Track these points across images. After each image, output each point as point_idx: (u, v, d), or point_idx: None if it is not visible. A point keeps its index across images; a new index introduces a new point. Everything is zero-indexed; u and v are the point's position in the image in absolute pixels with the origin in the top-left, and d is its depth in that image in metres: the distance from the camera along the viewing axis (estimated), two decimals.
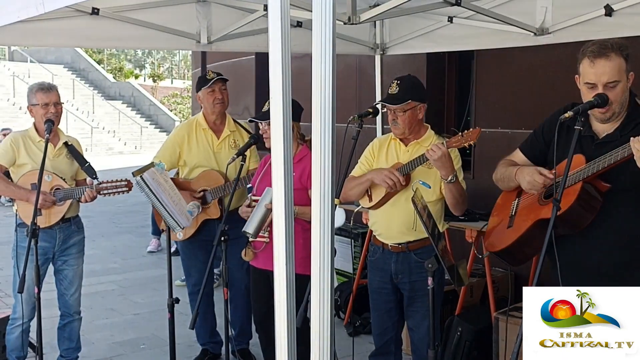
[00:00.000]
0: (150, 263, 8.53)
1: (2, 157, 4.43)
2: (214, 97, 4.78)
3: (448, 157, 3.38)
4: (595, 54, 2.70)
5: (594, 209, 2.75)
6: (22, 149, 4.42)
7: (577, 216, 2.74)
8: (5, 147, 4.44)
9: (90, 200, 4.40)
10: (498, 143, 6.01)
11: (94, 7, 4.23)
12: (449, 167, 3.40)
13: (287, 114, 2.11)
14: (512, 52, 5.45)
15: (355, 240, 6.34)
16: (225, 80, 4.84)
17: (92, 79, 32.65)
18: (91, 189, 4.38)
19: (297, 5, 3.96)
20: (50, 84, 4.53)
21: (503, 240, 3.03)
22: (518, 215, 3.02)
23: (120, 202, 12.42)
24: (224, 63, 10.29)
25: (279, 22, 2.06)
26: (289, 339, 2.18)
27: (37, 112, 4.41)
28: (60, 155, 4.51)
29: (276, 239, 2.17)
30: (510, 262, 3.08)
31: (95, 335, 5.73)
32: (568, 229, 2.75)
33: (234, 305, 4.94)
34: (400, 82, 3.63)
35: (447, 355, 4.78)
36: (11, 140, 4.45)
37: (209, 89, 4.78)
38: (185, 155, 4.83)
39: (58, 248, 4.53)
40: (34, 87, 4.47)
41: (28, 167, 4.41)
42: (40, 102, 4.38)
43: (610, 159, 2.66)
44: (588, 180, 2.73)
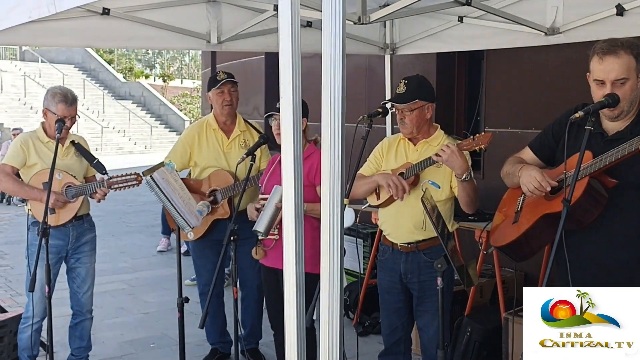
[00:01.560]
0: (160, 262, 8.56)
1: (13, 159, 4.45)
2: (222, 98, 4.79)
3: (459, 156, 3.36)
4: (605, 51, 2.71)
5: (600, 204, 2.74)
6: (32, 150, 4.44)
7: (582, 211, 2.73)
8: (16, 148, 4.46)
9: (103, 196, 4.42)
10: (508, 143, 5.98)
11: (104, 7, 4.24)
12: (463, 166, 3.38)
13: (297, 114, 2.12)
14: (522, 52, 5.44)
15: (364, 240, 6.34)
16: (235, 82, 4.83)
17: (102, 79, 32.77)
18: (103, 185, 4.40)
19: (307, 5, 3.96)
20: (73, 96, 4.49)
21: (508, 235, 3.02)
22: (524, 211, 3.01)
23: (130, 202, 12.47)
24: (233, 63, 10.31)
25: (289, 22, 2.06)
26: (299, 338, 2.18)
27: (53, 119, 4.40)
28: (69, 154, 4.54)
29: (286, 240, 2.18)
30: (514, 257, 3.07)
31: (106, 334, 5.76)
32: (573, 224, 2.73)
33: (245, 305, 4.95)
34: (408, 82, 3.63)
35: (457, 355, 4.77)
36: (21, 142, 4.47)
37: (218, 90, 4.78)
38: (196, 155, 4.84)
39: (71, 246, 4.56)
40: (57, 96, 4.42)
41: (38, 168, 4.43)
42: (60, 114, 4.37)
43: (618, 154, 2.65)
44: (594, 176, 2.72)
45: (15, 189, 4.50)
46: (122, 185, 4.47)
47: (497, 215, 3.24)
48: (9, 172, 4.42)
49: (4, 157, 4.61)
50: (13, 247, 8.98)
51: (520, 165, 3.04)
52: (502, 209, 3.22)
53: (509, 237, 3.00)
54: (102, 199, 4.46)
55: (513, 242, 2.98)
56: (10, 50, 33.54)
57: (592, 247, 2.81)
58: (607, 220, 2.75)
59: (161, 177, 3.70)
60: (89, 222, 4.66)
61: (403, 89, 3.61)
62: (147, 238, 10.04)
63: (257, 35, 4.99)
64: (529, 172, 2.91)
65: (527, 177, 2.89)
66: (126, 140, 28.44)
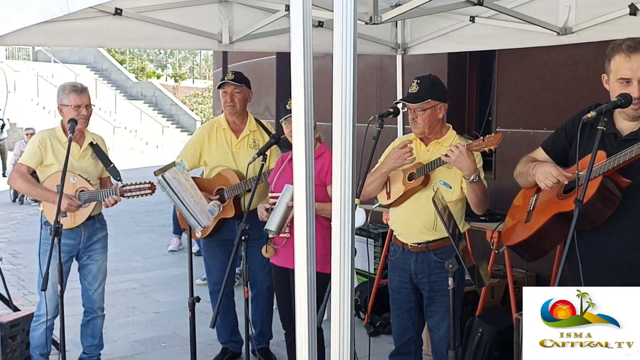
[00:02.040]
0: (171, 262, 8.58)
1: (30, 159, 4.44)
2: (224, 99, 4.79)
3: (468, 157, 3.36)
4: (632, 48, 2.69)
5: (613, 204, 2.72)
6: (49, 150, 4.43)
7: (594, 210, 2.71)
8: (33, 148, 4.44)
9: (114, 204, 4.43)
10: (520, 143, 5.97)
11: (117, 7, 4.26)
12: (470, 167, 3.37)
13: (309, 114, 2.12)
14: (534, 51, 5.42)
15: (375, 240, 6.33)
16: (237, 84, 4.75)
17: (114, 79, 32.92)
18: (115, 193, 4.40)
19: (318, 5, 3.97)
20: (82, 86, 4.52)
21: (520, 234, 3.01)
22: (536, 210, 3.00)
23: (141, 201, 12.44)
24: (245, 63, 10.32)
25: (300, 22, 2.07)
26: (310, 338, 2.18)
27: (69, 112, 4.40)
28: (85, 156, 4.53)
29: (297, 240, 2.18)
30: (526, 257, 3.06)
31: (117, 333, 5.78)
32: (585, 223, 2.72)
33: (255, 304, 4.96)
34: (420, 82, 3.63)
35: (468, 356, 4.76)
36: (39, 141, 4.44)
37: (221, 91, 4.80)
38: (206, 155, 4.86)
39: (83, 245, 4.57)
40: (67, 88, 4.45)
41: (55, 168, 4.41)
42: (73, 104, 4.39)
43: (632, 153, 2.63)
44: (607, 175, 2.70)
45: (28, 190, 4.49)
46: (135, 194, 4.48)
47: (509, 215, 3.23)
48: (24, 172, 4.41)
49: (21, 156, 4.61)
50: (26, 246, 9.03)
51: (534, 163, 3.04)
52: (514, 209, 3.21)
53: (521, 236, 2.99)
54: (111, 206, 4.47)
55: (524, 241, 2.97)
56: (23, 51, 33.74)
57: (605, 247, 2.79)
58: (620, 220, 2.74)
59: (172, 177, 3.72)
60: (101, 221, 4.68)
61: (415, 89, 3.61)
62: (158, 237, 10.07)
63: (269, 35, 5.00)
64: (543, 168, 2.91)
65: (543, 174, 2.89)
66: (138, 140, 28.55)
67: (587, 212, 2.66)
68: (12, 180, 4.53)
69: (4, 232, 10.42)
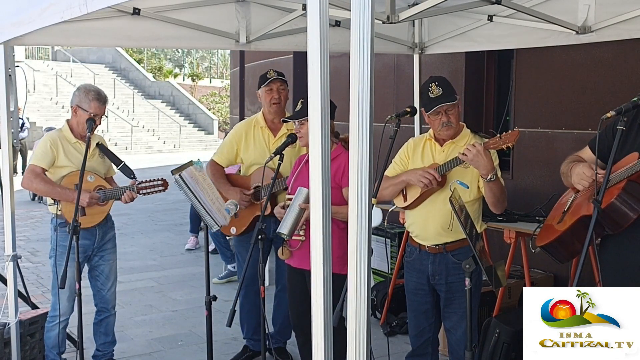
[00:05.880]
0: (188, 260, 8.61)
1: (43, 160, 4.43)
2: (271, 96, 4.83)
3: (485, 156, 3.34)
4: None
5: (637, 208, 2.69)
6: (60, 152, 4.44)
7: (617, 214, 2.68)
8: (45, 149, 4.43)
9: (131, 200, 4.48)
10: (538, 143, 5.93)
11: (135, 7, 4.28)
12: (488, 166, 3.36)
13: (326, 114, 2.12)
14: (553, 50, 5.37)
15: (392, 240, 6.32)
16: (284, 81, 4.88)
17: (132, 79, 33.09)
18: (132, 190, 4.45)
19: (336, 5, 3.96)
20: (105, 95, 4.56)
21: (550, 234, 3.00)
22: (569, 212, 2.98)
23: (159, 200, 12.56)
24: (262, 62, 10.35)
25: (317, 21, 2.06)
26: (326, 338, 2.18)
27: (83, 116, 4.43)
28: (94, 156, 4.56)
29: (314, 240, 2.17)
30: (556, 257, 3.04)
31: (134, 331, 5.81)
32: (610, 227, 2.69)
33: (277, 302, 4.99)
34: (438, 83, 3.62)
35: (485, 356, 4.73)
36: (50, 143, 4.44)
37: (267, 88, 4.83)
38: (243, 152, 4.90)
39: (97, 245, 4.62)
40: (91, 94, 4.45)
41: (67, 170, 4.43)
42: (92, 111, 4.41)
43: None
44: (633, 179, 2.66)
45: (47, 190, 4.44)
46: (150, 191, 4.54)
47: (550, 215, 3.22)
48: (39, 173, 4.40)
49: (32, 158, 4.58)
50: (45, 244, 9.09)
51: (574, 163, 3.01)
52: (555, 209, 3.20)
53: (550, 237, 2.98)
54: (129, 202, 4.52)
55: (552, 242, 2.96)
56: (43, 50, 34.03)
57: (627, 252, 2.76)
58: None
59: (190, 176, 3.73)
60: (111, 220, 4.73)
61: (439, 90, 3.58)
62: (175, 236, 10.12)
63: (286, 35, 5.00)
64: (577, 170, 2.89)
65: (578, 176, 2.88)
66: (155, 139, 28.68)
67: (610, 215, 2.63)
68: (27, 181, 4.42)
69: (23, 230, 10.50)
